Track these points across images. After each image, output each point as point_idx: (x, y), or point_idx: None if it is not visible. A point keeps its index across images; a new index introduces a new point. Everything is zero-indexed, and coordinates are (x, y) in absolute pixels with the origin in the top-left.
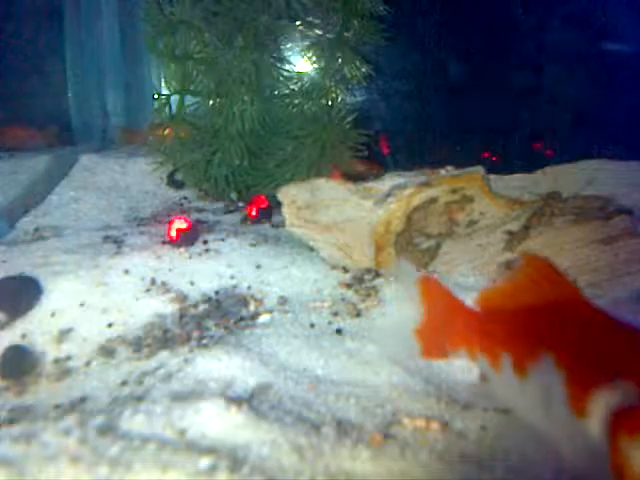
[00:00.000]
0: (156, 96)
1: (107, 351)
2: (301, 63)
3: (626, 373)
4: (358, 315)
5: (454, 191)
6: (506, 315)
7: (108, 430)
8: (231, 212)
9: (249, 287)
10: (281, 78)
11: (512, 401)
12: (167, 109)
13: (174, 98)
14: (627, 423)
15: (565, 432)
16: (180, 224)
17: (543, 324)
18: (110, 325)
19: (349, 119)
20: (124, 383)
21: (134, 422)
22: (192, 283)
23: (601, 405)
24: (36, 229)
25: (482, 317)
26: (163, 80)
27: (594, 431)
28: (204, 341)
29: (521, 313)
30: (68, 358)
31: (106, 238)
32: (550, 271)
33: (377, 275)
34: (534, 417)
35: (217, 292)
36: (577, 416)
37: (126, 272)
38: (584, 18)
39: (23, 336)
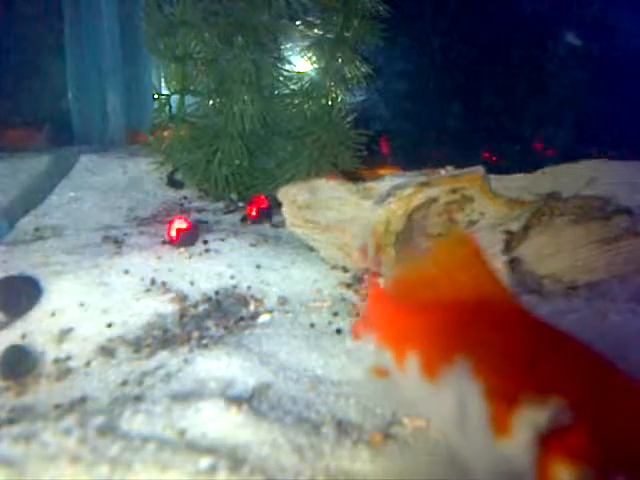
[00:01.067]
0: (156, 96)
1: (107, 351)
2: (301, 63)
3: (557, 387)
4: (358, 315)
5: (454, 191)
6: (416, 304)
7: (108, 430)
8: (231, 212)
9: (249, 287)
10: (281, 78)
11: (420, 406)
12: (167, 109)
13: (174, 98)
14: (561, 447)
15: (481, 452)
16: (180, 224)
17: (460, 321)
18: (110, 325)
19: (349, 119)
20: (124, 383)
21: (134, 422)
22: (192, 283)
23: (528, 424)
24: (36, 229)
25: (391, 303)
26: (163, 80)
27: (517, 454)
28: (204, 341)
29: (435, 304)
30: (68, 358)
31: (106, 238)
32: (477, 259)
33: (377, 275)
34: (446, 429)
35: (217, 292)
36: (497, 435)
37: (126, 272)
38: (585, 18)
39: (23, 336)
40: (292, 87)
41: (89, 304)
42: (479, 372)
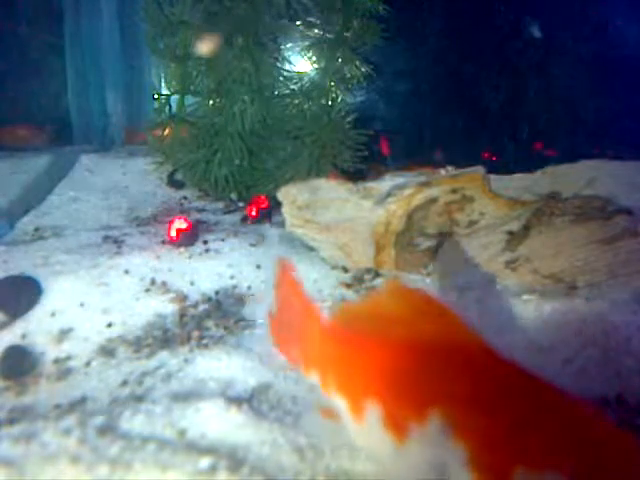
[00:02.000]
0: (156, 96)
1: (107, 351)
2: (301, 63)
3: (555, 457)
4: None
5: (454, 191)
6: (378, 344)
7: (108, 430)
8: (231, 212)
9: (249, 287)
10: (281, 78)
11: (382, 463)
12: (167, 109)
13: (174, 98)
14: None
15: None
16: (180, 224)
17: (432, 368)
18: (110, 325)
19: (349, 119)
20: (124, 383)
21: (134, 422)
22: (192, 283)
23: None
24: (36, 229)
25: (344, 339)
26: (163, 80)
27: None
28: (204, 341)
29: (400, 346)
30: (68, 358)
31: (106, 238)
32: (433, 304)
33: (377, 275)
34: None
35: (217, 292)
36: None
37: (126, 272)
38: (581, 19)
39: (23, 336)
40: (292, 87)
41: (89, 304)
42: (460, 434)
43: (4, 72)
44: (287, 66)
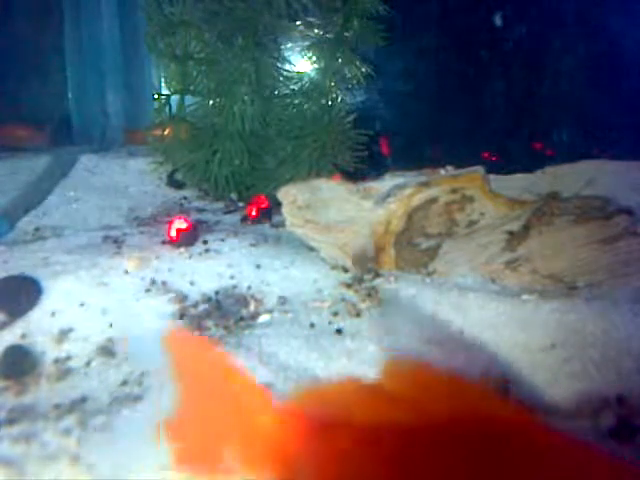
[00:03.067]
0: (156, 96)
1: (107, 351)
2: (301, 63)
3: None
4: (358, 315)
5: (454, 191)
6: (372, 436)
7: (108, 430)
8: (231, 212)
9: (249, 287)
10: (281, 78)
11: None
12: (167, 109)
13: (174, 98)
14: None
15: None
16: (180, 224)
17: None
18: (110, 325)
19: (349, 119)
20: (124, 383)
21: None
22: (192, 283)
23: None
24: (36, 229)
25: (317, 429)
26: (163, 80)
27: None
28: None
29: (407, 438)
30: (68, 358)
31: (106, 238)
32: (442, 377)
33: (377, 275)
34: None
35: (217, 292)
36: None
37: (126, 272)
38: (580, 17)
39: (23, 336)
40: (292, 87)
41: (89, 304)
42: None
43: (4, 72)
44: (287, 66)
